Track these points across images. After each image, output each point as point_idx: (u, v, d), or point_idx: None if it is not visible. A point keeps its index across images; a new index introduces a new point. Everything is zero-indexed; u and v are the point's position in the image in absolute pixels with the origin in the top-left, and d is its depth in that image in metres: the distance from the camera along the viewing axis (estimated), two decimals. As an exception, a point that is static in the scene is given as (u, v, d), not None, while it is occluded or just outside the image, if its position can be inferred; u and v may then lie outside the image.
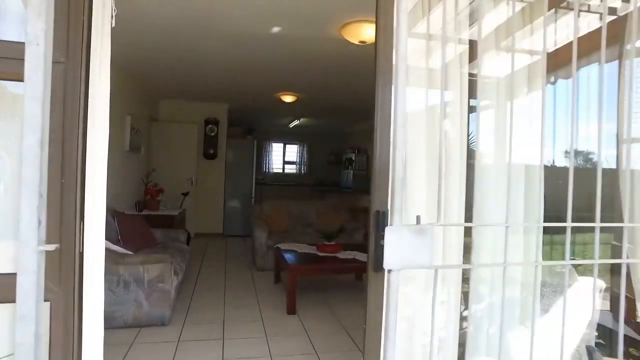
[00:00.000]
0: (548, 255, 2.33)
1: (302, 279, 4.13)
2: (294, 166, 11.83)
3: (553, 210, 1.69)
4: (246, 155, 7.84)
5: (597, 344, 1.74)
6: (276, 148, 11.73)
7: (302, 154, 11.76)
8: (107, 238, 1.50)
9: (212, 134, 7.53)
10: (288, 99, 6.54)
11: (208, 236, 7.55)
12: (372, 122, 1.63)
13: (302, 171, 11.73)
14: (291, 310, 3.58)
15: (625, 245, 1.47)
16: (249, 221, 7.68)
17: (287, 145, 11.84)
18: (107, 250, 1.68)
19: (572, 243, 1.42)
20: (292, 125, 10.26)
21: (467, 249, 1.77)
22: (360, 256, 4.03)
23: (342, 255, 4.06)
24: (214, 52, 4.57)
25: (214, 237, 7.53)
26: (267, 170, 11.43)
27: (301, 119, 9.35)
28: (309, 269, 3.77)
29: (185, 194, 6.19)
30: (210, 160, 7.60)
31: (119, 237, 3.91)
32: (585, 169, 2.41)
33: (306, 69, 5.03)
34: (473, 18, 1.78)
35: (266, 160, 11.46)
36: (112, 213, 3.96)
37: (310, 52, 4.35)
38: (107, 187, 1.55)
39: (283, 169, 11.80)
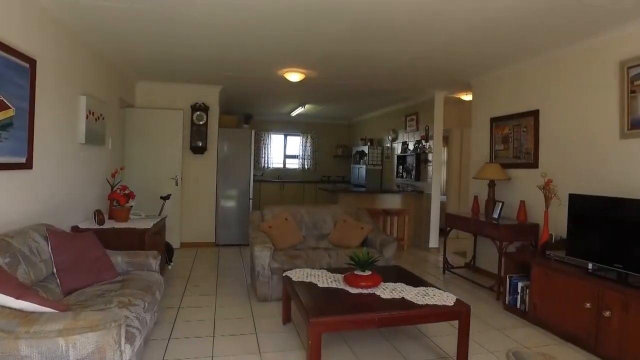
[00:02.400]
0: None
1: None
2: (296, 160, 10.54)
3: None
4: (243, 148, 6.54)
5: None
6: (276, 140, 10.43)
7: (305, 146, 10.46)
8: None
9: (201, 123, 6.23)
10: (294, 77, 5.24)
11: (197, 246, 6.27)
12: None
13: (306, 166, 10.44)
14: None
15: None
16: (246, 227, 6.42)
17: (288, 137, 10.54)
18: None
19: None
20: (294, 113, 8.96)
21: None
22: (410, 293, 2.77)
23: (385, 291, 2.80)
24: (202, 16, 3.29)
25: (205, 248, 6.25)
26: (265, 165, 10.14)
27: (305, 106, 8.05)
28: (341, 322, 2.47)
29: (166, 198, 4.91)
30: (199, 154, 6.30)
31: (54, 270, 2.63)
32: None
33: (320, 34, 3.74)
34: None
35: (265, 153, 10.16)
36: (45, 232, 2.68)
37: (328, 10, 3.06)
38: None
39: (284, 163, 10.51)
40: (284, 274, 3.27)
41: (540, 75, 4.26)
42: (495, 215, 4.48)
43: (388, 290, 2.83)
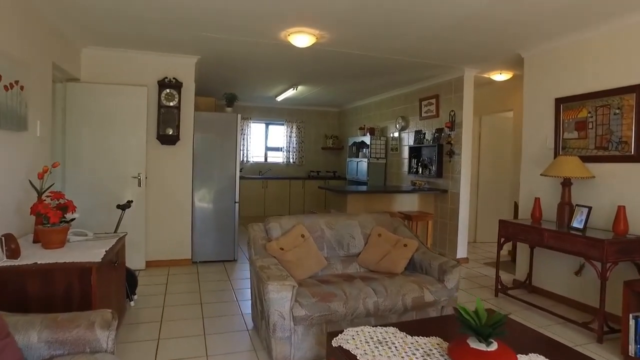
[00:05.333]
0: None
1: None
2: (280, 153, 9.17)
3: None
4: (226, 138, 5.12)
5: None
6: (256, 129, 9.00)
7: (290, 137, 9.10)
8: None
9: (172, 104, 4.76)
10: (302, 40, 3.91)
11: (169, 265, 4.83)
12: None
13: (291, 160, 9.09)
14: None
15: None
16: (230, 239, 5.05)
17: (270, 126, 9.14)
18: None
19: None
20: (281, 97, 7.59)
21: None
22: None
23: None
24: None
25: (179, 267, 4.82)
26: (245, 160, 8.70)
27: (298, 88, 6.69)
28: None
29: (125, 207, 3.45)
30: (169, 145, 4.84)
31: None
32: None
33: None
34: None
35: (244, 145, 8.72)
36: None
37: None
38: None
39: (265, 157, 9.11)
40: (332, 341, 1.97)
41: (645, 38, 3.18)
42: (578, 225, 3.38)
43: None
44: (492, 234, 6.44)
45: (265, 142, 9.12)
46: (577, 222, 3.40)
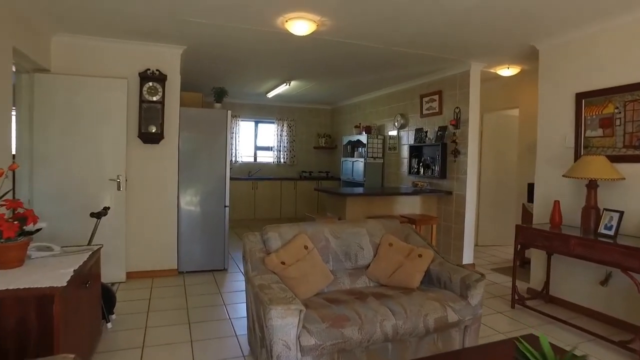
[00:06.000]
0: None
1: None
2: (270, 153, 8.75)
3: None
4: (215, 136, 4.69)
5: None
6: (245, 128, 8.56)
7: (280, 136, 8.69)
8: None
9: (155, 99, 4.31)
10: (301, 27, 3.52)
11: (152, 276, 4.38)
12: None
13: (282, 159, 8.68)
14: None
15: None
16: (220, 247, 4.64)
17: (260, 125, 8.72)
18: None
19: None
20: (272, 94, 7.18)
21: None
22: None
23: None
24: None
25: (163, 278, 4.37)
26: (233, 159, 8.26)
27: (291, 83, 6.30)
28: None
29: (100, 215, 3.00)
30: (152, 144, 4.39)
31: None
32: None
33: None
34: None
35: (233, 145, 8.27)
36: None
37: None
38: None
39: (255, 156, 8.68)
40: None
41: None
42: (607, 231, 3.08)
43: None
44: (494, 237, 6.17)
45: (255, 141, 8.69)
46: (606, 228, 3.10)
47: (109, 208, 3.17)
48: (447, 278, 2.79)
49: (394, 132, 6.49)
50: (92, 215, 2.95)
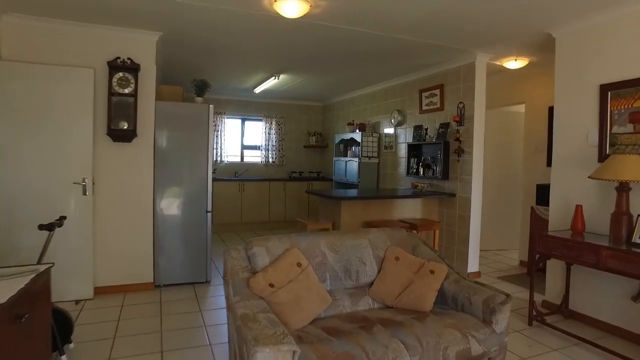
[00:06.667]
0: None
1: None
2: (257, 152, 8.26)
3: None
4: (195, 134, 4.21)
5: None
6: (231, 125, 8.06)
7: (269, 134, 8.21)
8: None
9: (127, 92, 3.81)
10: (292, 7, 3.06)
11: (125, 290, 3.88)
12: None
13: (270, 159, 8.20)
14: None
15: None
16: (201, 257, 4.17)
17: (246, 122, 8.23)
18: None
19: None
20: (259, 89, 6.71)
21: None
22: None
23: None
24: None
25: (137, 293, 3.87)
26: (218, 159, 7.76)
27: (280, 76, 5.84)
28: None
29: (53, 227, 2.50)
30: (124, 143, 3.88)
31: None
32: None
33: None
34: None
35: (217, 143, 7.77)
36: None
37: None
38: None
39: (242, 156, 8.19)
40: None
41: None
42: (643, 241, 2.70)
43: None
44: (497, 241, 5.80)
45: (242, 140, 8.19)
46: (641, 237, 2.72)
47: (65, 217, 2.67)
48: (466, 299, 2.37)
49: (390, 130, 6.07)
50: (42, 227, 2.45)
